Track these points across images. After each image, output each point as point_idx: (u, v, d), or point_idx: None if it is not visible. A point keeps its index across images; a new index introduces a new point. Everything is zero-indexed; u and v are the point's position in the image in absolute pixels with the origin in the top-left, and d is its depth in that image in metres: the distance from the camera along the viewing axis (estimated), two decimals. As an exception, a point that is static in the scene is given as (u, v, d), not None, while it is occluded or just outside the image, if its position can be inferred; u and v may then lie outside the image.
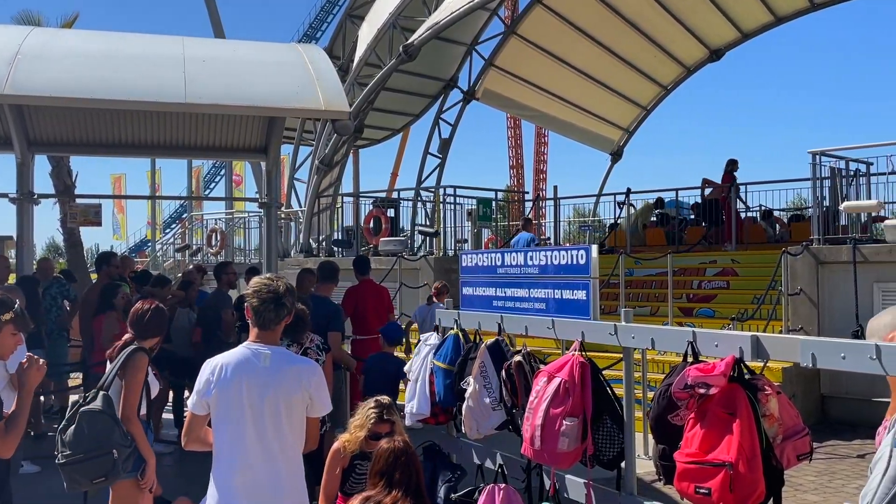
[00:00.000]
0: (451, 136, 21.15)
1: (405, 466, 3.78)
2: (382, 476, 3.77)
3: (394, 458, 3.78)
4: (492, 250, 5.70)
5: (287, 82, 7.12)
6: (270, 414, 3.65)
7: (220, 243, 21.45)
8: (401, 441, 3.87)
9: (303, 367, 3.79)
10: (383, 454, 3.81)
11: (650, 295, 14.08)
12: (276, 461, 3.67)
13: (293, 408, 3.70)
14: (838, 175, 11.81)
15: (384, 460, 3.79)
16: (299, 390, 3.70)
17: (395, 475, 3.73)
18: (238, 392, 3.62)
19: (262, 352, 3.68)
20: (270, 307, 3.72)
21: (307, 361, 3.92)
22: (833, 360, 3.23)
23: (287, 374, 3.69)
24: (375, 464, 3.82)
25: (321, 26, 44.74)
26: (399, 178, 39.95)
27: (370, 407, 4.50)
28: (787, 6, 18.65)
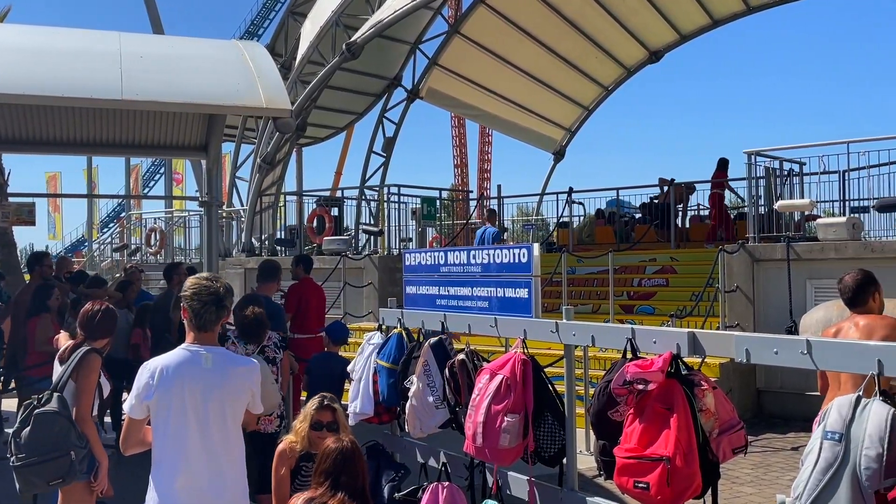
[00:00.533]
0: (395, 135, 21.12)
1: (352, 468, 3.73)
2: (328, 477, 3.71)
3: (341, 460, 3.73)
4: (435, 249, 5.72)
5: (227, 79, 7.01)
6: (215, 416, 3.60)
7: (159, 243, 21.06)
8: (348, 441, 3.82)
9: (245, 367, 3.77)
10: (330, 454, 3.75)
11: (592, 293, 14.26)
12: (220, 464, 3.63)
13: (237, 409, 3.69)
14: (773, 175, 12.12)
15: (331, 461, 3.74)
16: (244, 391, 3.70)
17: (340, 477, 3.68)
18: (180, 395, 3.56)
19: (203, 353, 3.63)
20: (211, 308, 3.67)
21: (248, 361, 3.89)
22: (766, 356, 3.32)
23: (231, 376, 3.67)
24: (321, 463, 3.76)
25: (263, 23, 44.17)
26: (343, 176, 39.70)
27: (314, 406, 4.48)
28: (724, 8, 19.06)
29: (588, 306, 13.53)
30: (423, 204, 17.14)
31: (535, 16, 18.64)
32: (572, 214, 18.11)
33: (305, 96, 16.42)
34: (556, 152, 23.14)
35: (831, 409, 2.92)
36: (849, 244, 10.38)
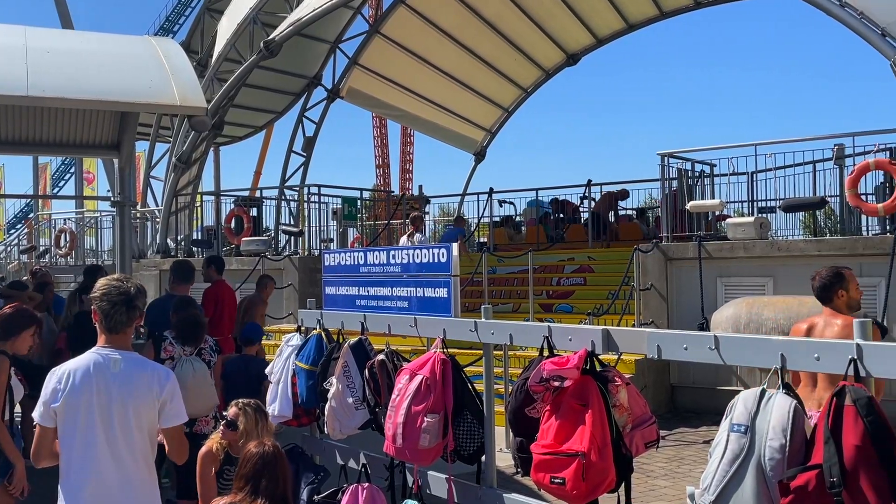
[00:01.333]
0: (315, 135, 20.94)
1: (272, 473, 3.69)
2: (248, 481, 3.67)
3: (262, 464, 3.69)
4: (355, 249, 5.70)
5: (140, 76, 6.83)
6: (121, 422, 3.50)
7: (69, 244, 20.35)
8: (270, 446, 3.78)
9: (154, 374, 3.63)
10: (251, 458, 3.70)
11: (512, 292, 14.41)
12: (128, 471, 3.53)
13: (143, 415, 3.56)
14: (685, 176, 12.47)
15: (252, 465, 3.69)
16: (149, 397, 3.56)
17: (261, 482, 3.65)
18: (88, 399, 3.46)
19: (113, 357, 3.53)
20: (122, 310, 3.57)
21: (160, 368, 3.75)
22: (677, 351, 3.41)
23: (139, 381, 3.55)
24: (242, 467, 3.72)
25: (178, 20, 43.15)
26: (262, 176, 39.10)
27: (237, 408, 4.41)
28: (639, 14, 19.52)
29: (508, 305, 13.67)
30: (344, 204, 17.03)
31: (455, 17, 18.75)
32: (493, 214, 18.32)
33: (222, 94, 16.12)
34: (477, 153, 23.31)
35: (737, 402, 3.02)
36: (757, 243, 10.76)
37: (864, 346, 2.80)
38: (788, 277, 10.50)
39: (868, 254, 9.99)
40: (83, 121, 8.48)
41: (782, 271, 10.59)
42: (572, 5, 18.82)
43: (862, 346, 2.81)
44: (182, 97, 6.53)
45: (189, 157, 16.62)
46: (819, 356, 2.92)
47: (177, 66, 7.08)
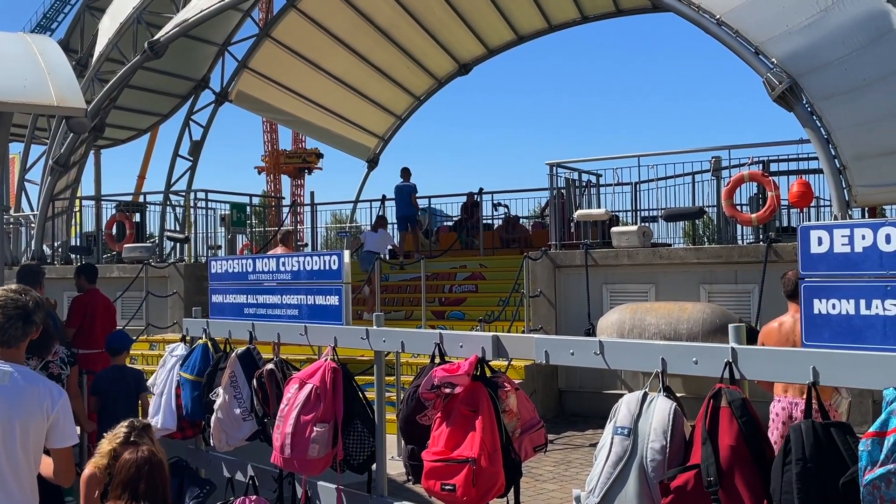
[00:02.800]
0: (202, 139, 20.39)
1: (150, 477, 3.58)
2: (126, 488, 3.54)
3: (136, 469, 3.56)
4: (243, 256, 5.57)
5: (13, 74, 6.49)
6: (4, 439, 3.30)
7: (-66, 251, 19.11)
8: (146, 450, 3.65)
9: (45, 389, 3.43)
10: (126, 465, 3.58)
11: (405, 299, 14.42)
12: (10, 489, 3.33)
13: (29, 433, 3.36)
14: (572, 185, 12.79)
15: (126, 471, 3.56)
16: (38, 414, 3.37)
17: (139, 486, 3.53)
18: None
19: (4, 369, 3.34)
20: (18, 324, 3.39)
21: (53, 385, 3.53)
22: (563, 356, 3.49)
23: (27, 396, 3.35)
24: (118, 475, 3.59)
25: (57, 17, 41.41)
26: (147, 180, 37.88)
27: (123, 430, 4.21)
28: (528, 26, 19.93)
29: (401, 313, 13.68)
30: (232, 210, 16.66)
31: (347, 24, 18.66)
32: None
33: (103, 95, 15.51)
34: (370, 160, 23.24)
35: (621, 406, 3.11)
36: (640, 251, 11.14)
37: (739, 350, 2.94)
38: (670, 284, 10.92)
39: (743, 261, 10.49)
40: (-50, 120, 7.99)
41: (664, 278, 11.00)
42: (465, 16, 19.04)
43: (737, 350, 2.94)
44: (59, 97, 6.25)
45: (67, 159, 15.88)
46: (697, 360, 3.04)
47: (54, 64, 6.76)
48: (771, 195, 10.46)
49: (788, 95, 9.93)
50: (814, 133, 9.99)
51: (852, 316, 2.95)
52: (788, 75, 9.89)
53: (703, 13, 10.32)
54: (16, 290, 3.50)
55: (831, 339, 2.99)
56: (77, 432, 3.54)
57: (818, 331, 3.04)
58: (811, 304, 3.06)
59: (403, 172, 16.92)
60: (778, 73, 9.94)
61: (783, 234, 11.11)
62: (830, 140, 9.93)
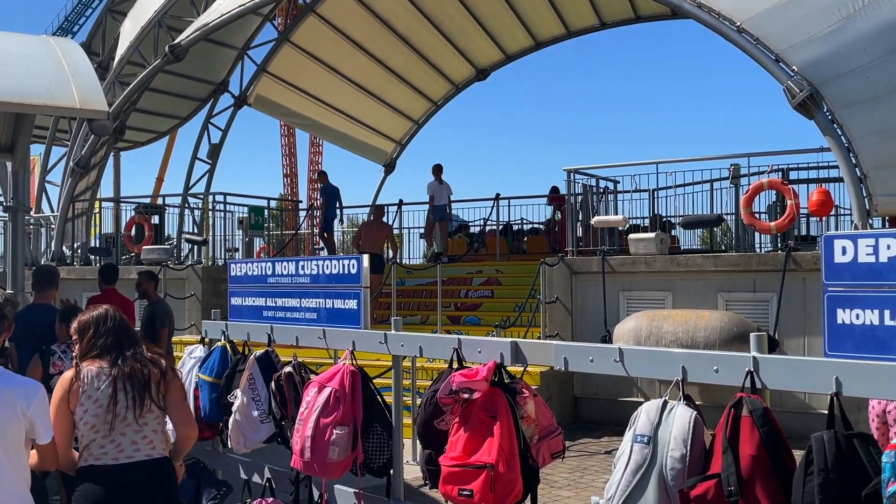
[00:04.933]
0: (221, 142, 20.50)
1: (127, 328, 4.01)
2: (107, 341, 3.89)
3: (112, 323, 3.96)
4: (262, 259, 5.60)
5: (37, 76, 6.55)
6: None
7: (-44, 251, 19.30)
8: (104, 308, 4.03)
9: (21, 388, 3.42)
10: (97, 320, 3.95)
11: (421, 304, 14.43)
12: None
13: (8, 436, 3.33)
14: (590, 192, 12.77)
15: (104, 326, 3.93)
16: (14, 416, 3.34)
17: (122, 339, 3.92)
18: None
19: None
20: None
21: (29, 382, 3.53)
22: (583, 363, 3.48)
23: (3, 396, 3.33)
24: (88, 334, 3.90)
25: (78, 20, 41.78)
26: (165, 183, 38.03)
27: None
28: (547, 32, 19.94)
29: (417, 317, 13.68)
30: (250, 213, 16.74)
31: (366, 29, 18.72)
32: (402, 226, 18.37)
33: (124, 98, 15.64)
34: (387, 164, 23.29)
35: (640, 414, 3.10)
36: (657, 258, 11.10)
37: (760, 359, 2.92)
38: (687, 291, 10.87)
39: (761, 270, 10.43)
40: (-26, 121, 8.08)
41: (681, 285, 10.95)
42: (483, 22, 19.06)
43: (758, 359, 2.92)
44: (82, 99, 6.30)
45: (88, 161, 16.02)
46: (718, 368, 3.03)
47: (77, 66, 6.82)
48: (790, 203, 10.40)
49: (809, 103, 9.88)
50: (834, 141, 9.93)
51: (876, 326, 2.93)
52: (809, 83, 9.84)
53: (724, 20, 10.29)
54: None
55: (854, 349, 2.97)
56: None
57: (841, 341, 3.02)
58: (834, 313, 3.04)
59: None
60: (798, 80, 9.89)
61: (802, 242, 11.04)
62: (851, 148, 9.87)
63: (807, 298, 9.99)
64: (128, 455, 3.78)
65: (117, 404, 3.75)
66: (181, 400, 4.03)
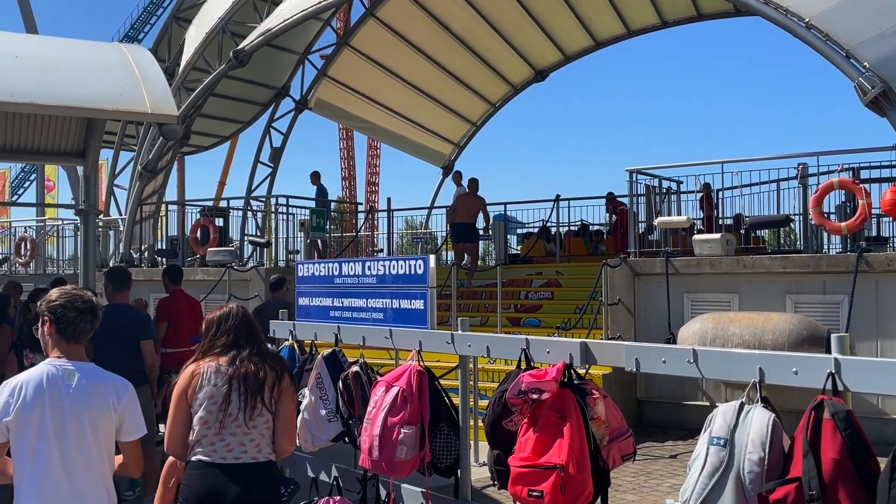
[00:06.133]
0: (282, 145, 20.82)
1: (251, 327, 4.12)
2: (230, 337, 4.04)
3: (235, 320, 4.11)
4: (328, 260, 5.66)
5: (110, 82, 6.74)
6: (76, 435, 3.38)
7: (30, 253, 19.96)
8: (235, 306, 4.19)
9: (112, 384, 3.52)
10: (222, 318, 4.11)
11: (480, 306, 14.42)
12: (81, 487, 3.39)
13: (100, 429, 3.44)
14: (653, 192, 12.60)
15: (227, 323, 4.08)
16: (106, 411, 3.45)
17: (240, 336, 4.05)
18: (41, 413, 3.35)
19: (68, 368, 3.43)
20: (88, 318, 3.51)
21: (118, 379, 3.61)
22: (655, 364, 3.43)
23: (95, 392, 3.44)
24: (214, 332, 4.07)
25: (144, 27, 42.82)
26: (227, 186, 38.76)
27: None
28: (606, 31, 19.76)
29: (476, 319, 13.67)
30: (311, 215, 16.94)
31: (424, 31, 18.80)
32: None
33: (190, 104, 15.97)
34: (445, 166, 23.35)
35: (716, 416, 3.04)
36: (723, 260, 10.89)
37: (842, 361, 2.84)
38: (754, 294, 10.65)
39: (832, 271, 10.16)
40: (49, 127, 8.34)
41: (747, 287, 10.73)
42: (541, 22, 18.98)
43: (840, 361, 2.85)
44: (153, 104, 6.46)
45: (155, 165, 16.41)
46: (797, 370, 2.96)
47: (148, 73, 7.00)
48: (862, 203, 10.11)
49: (881, 100, 9.59)
50: (908, 139, 9.63)
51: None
52: (881, 80, 9.56)
53: (792, 16, 10.06)
54: (76, 289, 3.63)
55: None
56: (144, 423, 3.65)
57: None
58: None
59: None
60: (870, 77, 9.61)
61: (874, 243, 10.72)
62: (925, 146, 9.56)
63: (880, 301, 9.71)
64: (235, 456, 3.86)
65: (230, 404, 3.87)
66: (290, 412, 4.11)
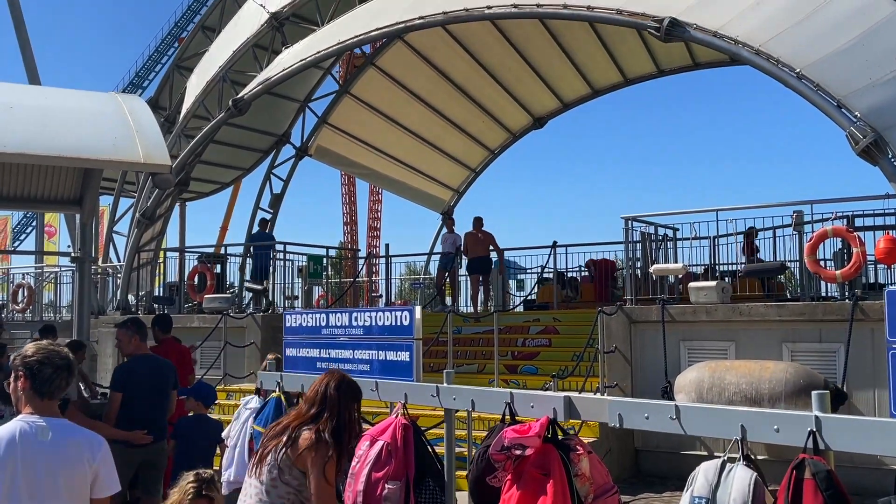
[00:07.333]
0: (282, 192, 20.93)
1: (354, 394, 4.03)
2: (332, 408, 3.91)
3: (343, 385, 4.00)
4: (317, 310, 5.64)
5: (104, 132, 6.79)
6: (49, 492, 3.34)
7: (27, 299, 19.95)
8: (338, 373, 4.11)
9: (86, 440, 3.50)
10: (329, 383, 4.03)
11: (477, 352, 14.33)
12: None
13: (74, 485, 3.40)
14: (648, 239, 12.60)
15: (334, 389, 4.00)
16: (83, 466, 3.42)
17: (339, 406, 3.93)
18: (13, 471, 3.30)
19: (40, 425, 3.41)
20: (64, 375, 3.49)
21: (92, 434, 3.59)
22: (638, 420, 3.39)
23: (69, 448, 3.41)
24: (322, 397, 3.98)
25: (148, 75, 43.49)
26: (229, 232, 38.96)
27: (189, 481, 4.23)
28: (604, 80, 19.97)
29: (473, 366, 13.59)
30: (309, 262, 16.95)
31: (424, 79, 19.02)
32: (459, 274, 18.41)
33: (189, 151, 16.09)
34: (445, 212, 23.44)
35: (698, 474, 3.00)
36: (719, 307, 10.85)
37: (823, 419, 2.81)
38: (750, 341, 10.59)
39: (828, 319, 10.11)
40: (46, 176, 8.39)
41: (744, 335, 10.68)
42: (540, 72, 19.21)
43: (821, 419, 2.81)
44: (146, 154, 6.50)
45: (153, 213, 16.48)
46: (779, 427, 2.92)
47: (142, 122, 7.06)
48: (856, 251, 10.10)
49: (873, 149, 9.63)
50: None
51: (946, 386, 2.79)
52: (873, 129, 9.61)
53: (783, 67, 10.15)
54: (52, 344, 3.63)
55: (923, 409, 2.84)
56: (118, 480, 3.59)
57: (909, 400, 2.89)
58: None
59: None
60: (861, 126, 9.67)
61: (870, 291, 10.68)
62: (919, 194, 9.58)
63: (875, 349, 9.63)
64: None
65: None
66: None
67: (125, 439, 5.77)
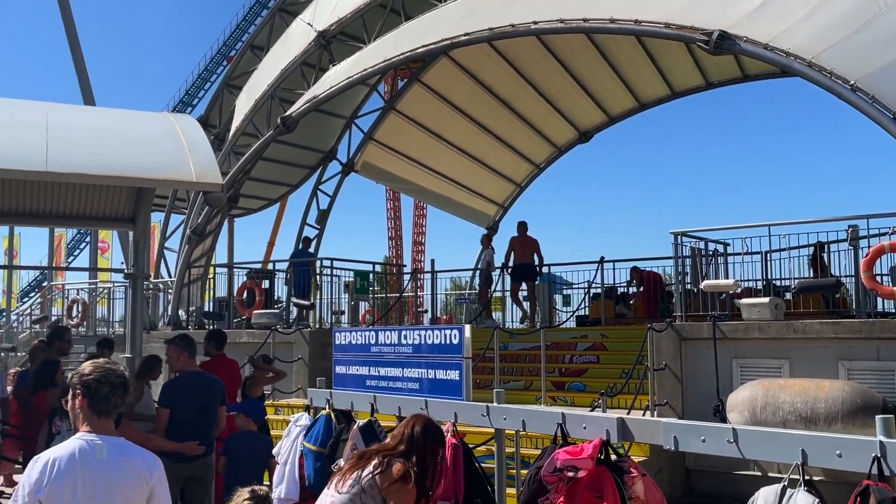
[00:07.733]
0: (329, 208, 21.13)
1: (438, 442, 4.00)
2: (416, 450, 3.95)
3: (429, 430, 3.99)
4: (366, 329, 5.65)
5: (157, 152, 6.91)
6: None
7: (81, 314, 20.35)
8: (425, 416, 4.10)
9: (142, 459, 3.55)
10: (415, 425, 4.04)
11: (524, 369, 14.23)
12: None
13: (132, 501, 3.46)
14: (698, 255, 12.41)
15: (420, 433, 4.01)
16: (139, 484, 3.47)
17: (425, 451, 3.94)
18: (73, 488, 3.36)
19: (97, 443, 3.46)
20: (120, 393, 3.55)
21: (148, 454, 3.63)
22: (694, 443, 3.33)
23: (127, 467, 3.47)
24: (408, 440, 4.03)
25: (198, 94, 44.29)
26: (276, 247, 39.35)
27: (245, 497, 4.25)
28: (651, 94, 19.80)
29: (520, 383, 13.50)
30: (355, 277, 17.04)
31: (469, 95, 19.06)
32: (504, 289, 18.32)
33: (239, 168, 16.33)
34: (490, 227, 23.40)
35: (757, 500, 2.93)
36: (772, 324, 10.63)
37: (888, 444, 2.72)
38: (805, 359, 10.35)
39: (885, 337, 9.84)
40: (100, 194, 8.56)
41: (798, 353, 10.44)
42: (585, 85, 19.12)
43: (885, 444, 2.72)
44: (199, 173, 6.58)
45: (203, 229, 16.74)
46: (841, 453, 2.84)
47: (194, 141, 7.16)
48: (915, 267, 9.83)
49: (932, 161, 9.39)
50: (962, 201, 9.38)
51: None
52: (931, 141, 9.37)
53: (836, 79, 9.95)
54: (109, 363, 3.67)
55: None
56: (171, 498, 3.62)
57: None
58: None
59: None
60: (920, 138, 9.43)
61: (930, 307, 10.38)
62: (981, 208, 9.29)
63: (937, 368, 9.34)
64: None
65: None
66: None
67: (178, 451, 5.84)
